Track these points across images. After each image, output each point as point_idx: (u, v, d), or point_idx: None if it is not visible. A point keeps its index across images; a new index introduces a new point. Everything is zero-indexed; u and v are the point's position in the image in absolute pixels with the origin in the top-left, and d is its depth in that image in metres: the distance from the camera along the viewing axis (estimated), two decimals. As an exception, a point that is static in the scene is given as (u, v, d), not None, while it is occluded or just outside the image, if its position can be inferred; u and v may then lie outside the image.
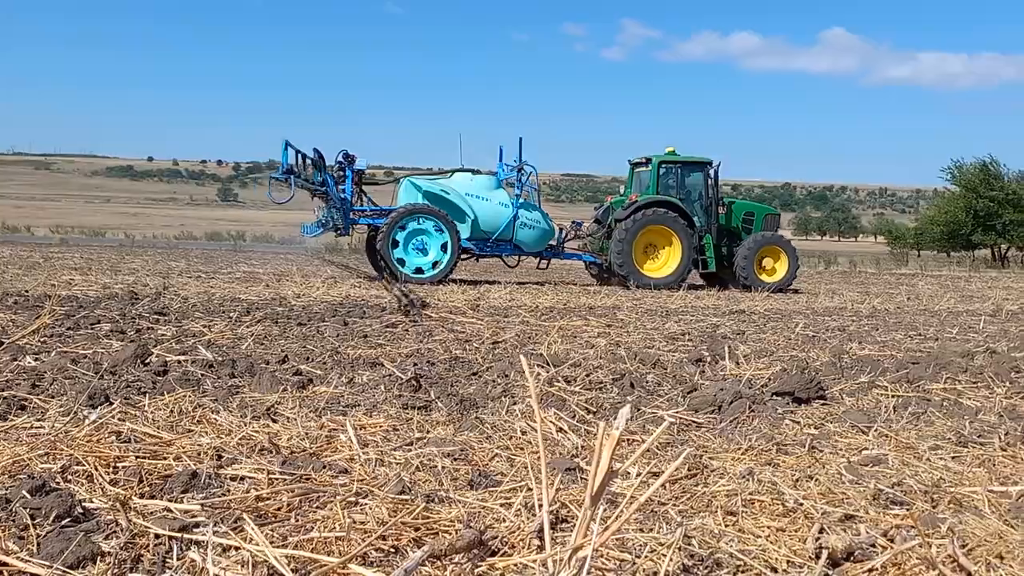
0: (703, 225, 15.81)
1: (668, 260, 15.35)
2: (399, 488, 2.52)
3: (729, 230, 16.23)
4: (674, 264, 15.22)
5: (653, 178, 15.56)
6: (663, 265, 15.37)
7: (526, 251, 15.69)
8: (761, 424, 3.71)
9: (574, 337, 7.42)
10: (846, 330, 8.66)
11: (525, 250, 15.65)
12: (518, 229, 15.21)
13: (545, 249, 15.91)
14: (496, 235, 15.24)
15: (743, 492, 2.56)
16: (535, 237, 15.46)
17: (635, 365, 5.32)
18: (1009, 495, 2.59)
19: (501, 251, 15.62)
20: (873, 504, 2.49)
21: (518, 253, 15.73)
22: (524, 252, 15.72)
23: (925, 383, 4.78)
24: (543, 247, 15.81)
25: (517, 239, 15.32)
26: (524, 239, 15.37)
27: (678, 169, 15.92)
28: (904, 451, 3.24)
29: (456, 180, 15.55)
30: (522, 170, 15.24)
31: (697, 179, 16.02)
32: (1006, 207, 39.33)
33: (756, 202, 19.26)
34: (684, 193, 15.86)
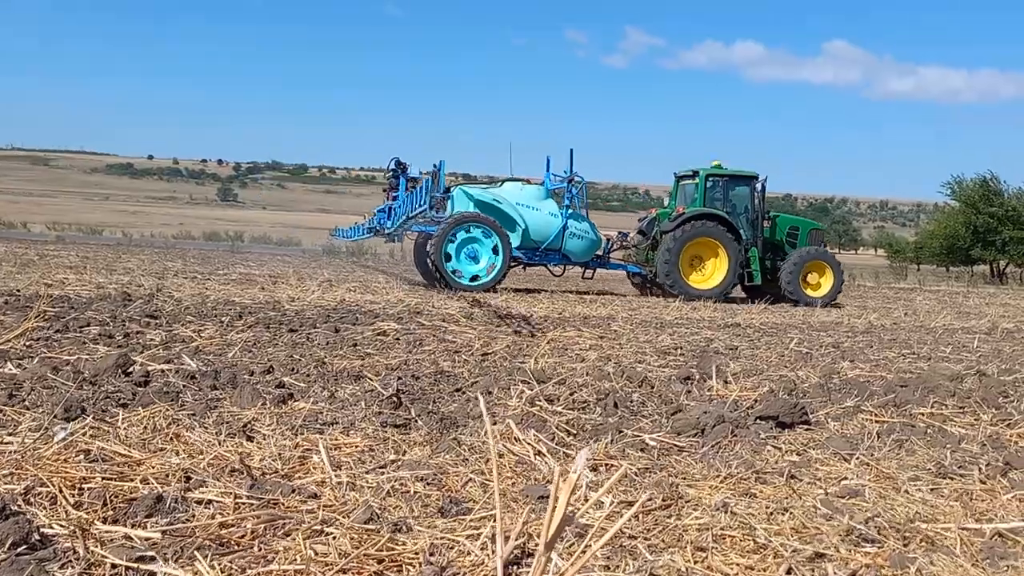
0: (749, 238, 16.00)
1: (714, 272, 15.48)
2: (367, 516, 2.49)
3: (774, 244, 16.47)
4: (720, 276, 15.36)
5: (700, 191, 15.73)
6: (709, 277, 15.51)
7: (574, 261, 15.88)
8: (743, 449, 3.68)
9: (565, 350, 7.39)
10: (840, 347, 8.63)
11: (573, 260, 15.84)
12: (567, 239, 15.42)
13: (592, 259, 16.10)
14: (546, 244, 15.45)
15: (715, 526, 2.52)
16: (583, 247, 15.66)
17: (621, 383, 5.29)
18: (983, 533, 2.55)
19: (549, 260, 15.80)
20: (845, 541, 2.46)
21: (566, 263, 15.93)
22: (572, 262, 15.91)
23: (912, 407, 4.74)
24: (590, 257, 16.00)
25: (566, 249, 15.53)
26: (573, 249, 15.58)
27: (724, 182, 16.04)
28: (883, 482, 3.21)
29: (506, 189, 15.70)
30: (573, 181, 15.42)
31: (743, 192, 16.18)
32: (1005, 223, 39.34)
33: (801, 217, 19.40)
34: (730, 206, 15.99)
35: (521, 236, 15.33)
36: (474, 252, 14.81)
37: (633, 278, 17.09)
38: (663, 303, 14.61)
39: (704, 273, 15.57)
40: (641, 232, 16.83)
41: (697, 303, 14.67)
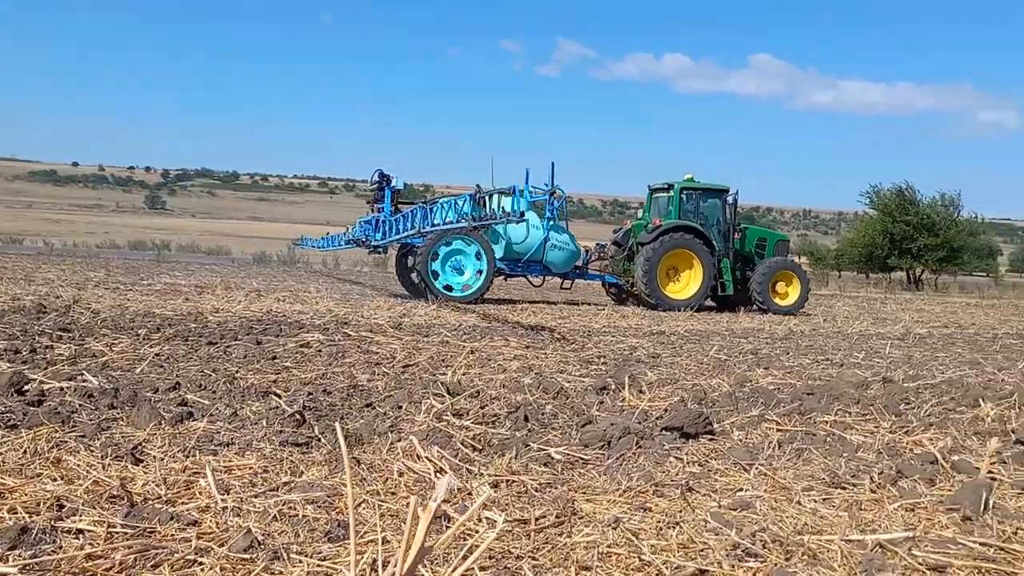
0: (721, 250, 16.39)
1: (689, 283, 15.94)
2: (246, 543, 2.40)
3: (743, 255, 16.97)
4: (695, 287, 15.81)
5: (675, 203, 16.21)
6: (684, 287, 15.97)
7: (554, 272, 16.28)
8: (646, 462, 3.69)
9: (488, 360, 7.35)
10: (758, 354, 8.80)
11: (554, 271, 16.23)
12: (548, 251, 15.77)
13: (571, 270, 16.50)
14: (528, 256, 15.81)
15: (603, 544, 2.51)
16: (564, 258, 16.04)
17: (536, 395, 5.28)
18: (865, 544, 2.60)
19: (531, 271, 16.15)
20: (730, 557, 2.47)
21: (547, 274, 16.31)
22: (552, 273, 16.29)
23: (816, 416, 4.85)
24: (570, 268, 16.39)
25: (547, 260, 15.90)
26: (554, 260, 15.96)
27: (698, 195, 16.51)
28: (777, 492, 3.25)
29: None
30: (555, 194, 15.62)
31: (715, 205, 16.68)
32: (920, 231, 40.88)
33: (768, 228, 20.03)
34: (703, 218, 16.47)
35: (504, 248, 15.58)
36: (459, 264, 14.99)
37: (610, 288, 17.45)
38: (592, 311, 14.70)
39: (680, 283, 16.05)
40: (617, 243, 17.18)
41: (627, 311, 14.84)
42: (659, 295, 15.50)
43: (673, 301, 15.52)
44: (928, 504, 3.10)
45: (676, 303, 15.48)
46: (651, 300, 15.50)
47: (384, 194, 15.60)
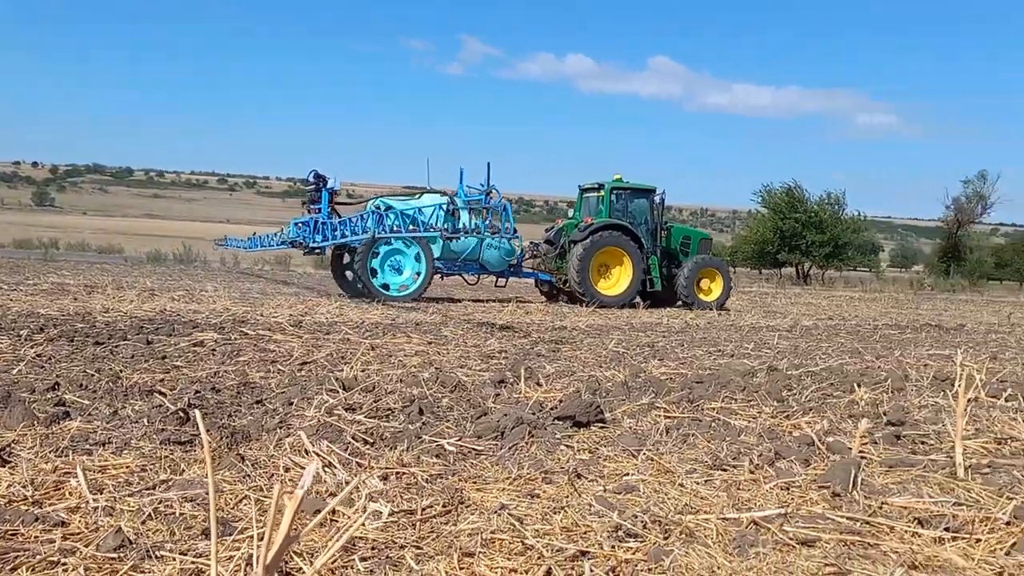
0: (649, 247, 16.79)
1: (620, 279, 16.27)
2: (116, 543, 2.30)
3: (669, 252, 17.36)
4: (625, 283, 16.15)
5: (606, 203, 16.56)
6: (615, 284, 16.28)
7: (490, 271, 16.57)
8: (538, 450, 3.73)
9: (389, 356, 7.28)
10: (654, 346, 9.02)
11: (490, 270, 16.52)
12: (484, 250, 16.07)
13: (506, 268, 16.78)
14: (465, 255, 16.06)
15: (487, 530, 2.53)
16: (499, 257, 16.36)
17: (434, 388, 5.26)
18: (740, 522, 2.70)
19: (468, 270, 16.42)
20: (611, 538, 2.53)
21: (483, 272, 16.59)
22: (488, 271, 16.58)
23: (704, 403, 5.01)
24: (505, 267, 16.69)
25: (483, 259, 16.22)
26: (489, 259, 16.28)
27: (627, 195, 16.93)
28: (662, 476, 3.34)
29: (424, 201, 15.68)
30: (491, 194, 15.50)
31: (643, 204, 17.10)
32: (809, 228, 42.77)
33: (691, 227, 20.55)
34: (631, 217, 16.83)
35: (441, 248, 15.67)
36: (398, 264, 15.12)
37: (542, 286, 17.66)
38: (497, 307, 14.77)
39: (611, 280, 16.34)
40: (549, 242, 17.46)
41: (530, 307, 14.98)
42: (591, 291, 15.77)
43: (605, 297, 15.80)
44: (802, 483, 3.24)
45: (608, 299, 15.76)
46: (584, 297, 15.75)
47: (321, 195, 15.36)
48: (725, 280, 17.02)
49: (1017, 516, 2.82)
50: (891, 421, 4.43)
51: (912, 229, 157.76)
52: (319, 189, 15.49)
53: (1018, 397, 5.36)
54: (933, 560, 2.44)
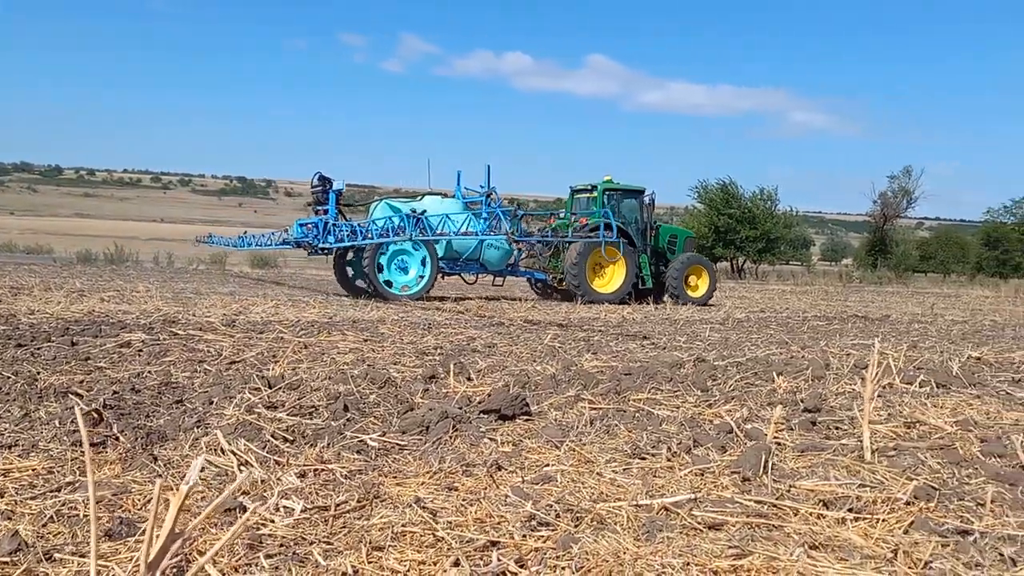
0: (640, 246, 17.31)
1: (613, 277, 16.77)
2: (12, 546, 2.23)
3: (658, 250, 17.97)
4: (619, 281, 16.66)
5: (599, 203, 17.00)
6: (609, 282, 16.76)
7: (490, 270, 17.06)
8: (462, 444, 3.74)
9: (321, 355, 7.20)
10: (590, 341, 9.11)
11: (490, 269, 17.01)
12: (484, 250, 16.54)
13: (505, 267, 17.29)
14: (466, 255, 16.54)
15: (400, 523, 2.52)
16: (499, 257, 16.88)
17: (362, 385, 5.22)
18: (652, 508, 2.75)
19: (469, 270, 16.91)
20: (523, 527, 2.54)
21: (483, 272, 17.10)
22: (488, 271, 17.07)
23: (630, 394, 5.07)
24: (504, 266, 17.20)
25: (484, 259, 16.75)
26: (489, 259, 16.80)
27: (619, 195, 17.45)
28: (582, 466, 3.38)
29: (427, 202, 16.31)
30: (491, 196, 16.24)
31: (633, 205, 17.65)
32: (742, 224, 43.74)
33: (677, 226, 21.35)
34: (622, 217, 17.25)
35: (445, 248, 16.12)
36: (404, 264, 15.52)
37: (536, 284, 18.20)
38: (436, 305, 14.75)
39: (605, 278, 16.80)
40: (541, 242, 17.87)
41: (470, 304, 15.01)
42: (587, 289, 16.22)
43: (600, 295, 16.25)
44: (717, 469, 3.31)
45: (603, 296, 16.21)
46: (580, 294, 16.20)
47: (328, 197, 15.73)
48: (711, 276, 17.66)
49: (917, 496, 2.93)
50: (807, 408, 4.55)
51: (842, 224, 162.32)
52: (326, 191, 15.85)
53: (931, 383, 5.56)
54: (833, 540, 2.51)
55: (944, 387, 5.54)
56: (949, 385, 5.62)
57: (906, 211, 52.06)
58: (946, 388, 5.51)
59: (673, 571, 2.18)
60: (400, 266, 15.50)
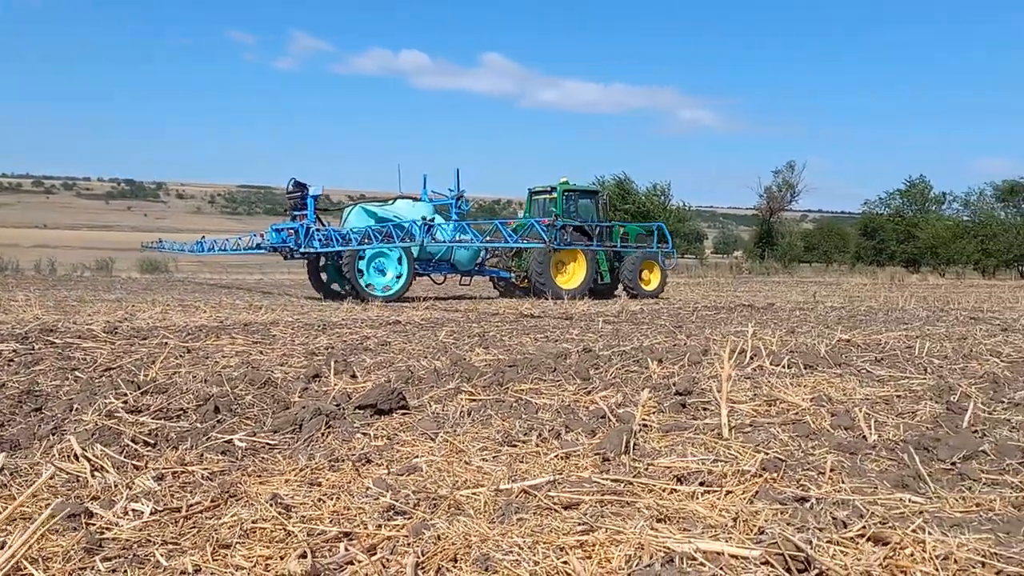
0: (597, 244, 17.90)
1: (575, 274, 17.59)
2: None
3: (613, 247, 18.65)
4: (580, 277, 17.49)
5: (560, 204, 17.87)
6: (571, 278, 17.52)
7: (460, 270, 17.60)
8: (334, 440, 3.70)
9: (205, 358, 6.99)
10: (484, 336, 9.15)
11: (460, 269, 17.54)
12: (455, 251, 16.92)
13: (473, 267, 17.82)
14: (438, 256, 16.96)
15: (251, 520, 2.48)
16: (469, 257, 17.40)
17: (240, 387, 5.09)
18: (512, 492, 2.80)
19: (440, 270, 17.42)
20: (380, 517, 2.54)
21: (453, 272, 17.68)
22: (458, 271, 17.62)
23: (513, 385, 5.13)
24: (473, 266, 17.72)
25: (455, 259, 17.23)
26: (460, 259, 17.30)
27: (576, 196, 18.41)
28: (453, 455, 3.40)
29: (399, 207, 16.76)
30: (461, 198, 16.31)
31: (589, 205, 18.58)
32: (637, 219, 44.97)
33: (631, 224, 21.90)
34: (580, 217, 18.19)
35: (418, 249, 16.20)
36: (382, 266, 15.92)
37: (499, 282, 18.74)
38: (334, 306, 14.54)
39: (566, 275, 17.55)
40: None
41: (368, 304, 14.88)
42: (552, 286, 16.92)
43: (563, 291, 16.98)
44: (582, 451, 3.39)
45: (567, 292, 16.93)
46: (545, 291, 16.83)
47: (307, 202, 16.02)
48: (662, 271, 18.57)
49: (765, 468, 3.08)
50: (679, 391, 4.71)
51: (732, 218, 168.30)
52: (303, 197, 16.14)
53: (798, 364, 5.84)
54: (680, 512, 2.61)
55: (811, 368, 5.83)
56: (816, 366, 5.91)
57: (790, 204, 54.53)
58: (812, 368, 5.80)
59: (520, 550, 2.22)
60: (378, 268, 15.91)
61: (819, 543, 2.27)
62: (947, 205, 55.23)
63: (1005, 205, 55.22)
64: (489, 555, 2.19)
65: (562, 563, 2.15)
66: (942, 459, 3.23)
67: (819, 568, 2.11)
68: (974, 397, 4.53)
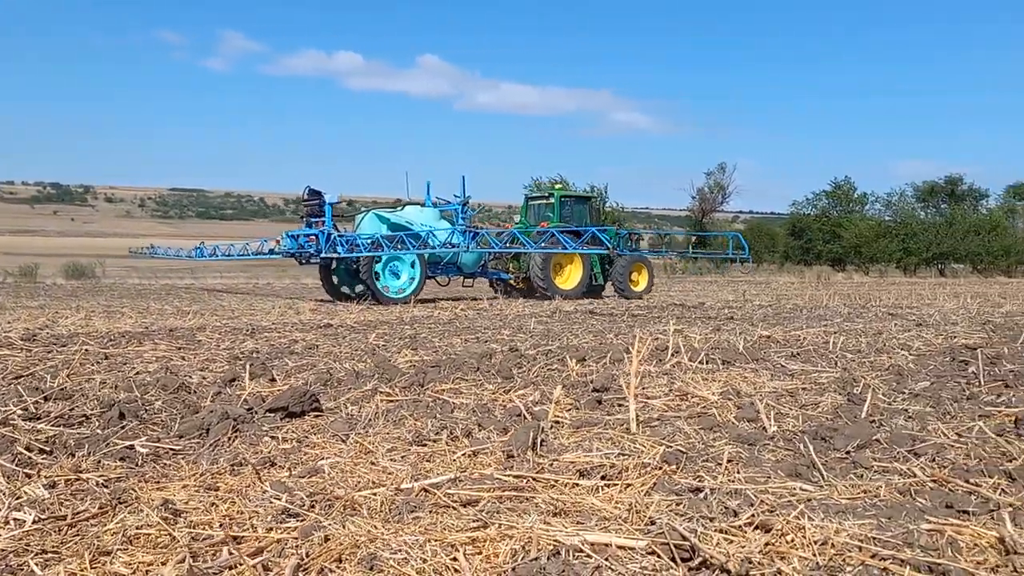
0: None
1: (572, 275, 18.45)
2: None
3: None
4: (577, 278, 18.35)
5: (556, 209, 18.85)
6: (568, 279, 18.37)
7: (465, 272, 18.44)
8: (241, 444, 3.63)
9: (123, 364, 6.80)
10: (415, 338, 9.10)
11: (465, 271, 18.37)
12: (462, 254, 17.58)
13: (478, 269, 18.66)
14: (447, 259, 17.70)
15: (136, 526, 2.41)
16: (474, 260, 18.22)
17: (152, 392, 4.96)
18: (412, 491, 2.78)
19: (447, 272, 18.15)
20: (272, 520, 2.50)
21: (459, 274, 18.49)
22: (463, 273, 18.47)
23: (434, 384, 5.11)
24: (478, 268, 18.58)
25: (461, 262, 17.99)
26: (466, 262, 18.10)
27: (572, 201, 19.51)
28: (360, 456, 3.36)
29: (409, 212, 17.56)
30: (467, 204, 17.40)
31: (583, 210, 19.58)
32: None
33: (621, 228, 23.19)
34: (576, 221, 19.09)
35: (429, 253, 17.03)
36: (396, 269, 16.69)
37: (497, 283, 19.59)
38: (265, 310, 14.31)
39: (564, 276, 18.38)
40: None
41: (302, 307, 14.71)
42: (552, 287, 17.72)
43: (563, 291, 17.79)
44: (491, 449, 3.39)
45: (565, 292, 17.74)
46: (546, 291, 17.60)
47: (325, 209, 16.66)
48: (649, 272, 19.50)
49: (666, 460, 3.13)
50: (596, 388, 4.75)
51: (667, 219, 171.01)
52: (321, 204, 16.80)
53: (716, 360, 5.96)
54: (577, 505, 2.63)
55: (728, 363, 5.94)
56: (734, 361, 6.04)
57: (722, 205, 55.67)
58: (730, 364, 5.92)
59: (409, 548, 2.21)
60: (393, 271, 16.65)
61: (706, 532, 2.32)
62: (870, 206, 57.19)
63: (925, 205, 57.46)
64: (376, 554, 2.17)
65: (451, 560, 2.15)
66: (837, 448, 3.33)
67: (703, 556, 2.15)
68: (877, 388, 4.68)
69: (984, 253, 49.35)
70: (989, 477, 2.88)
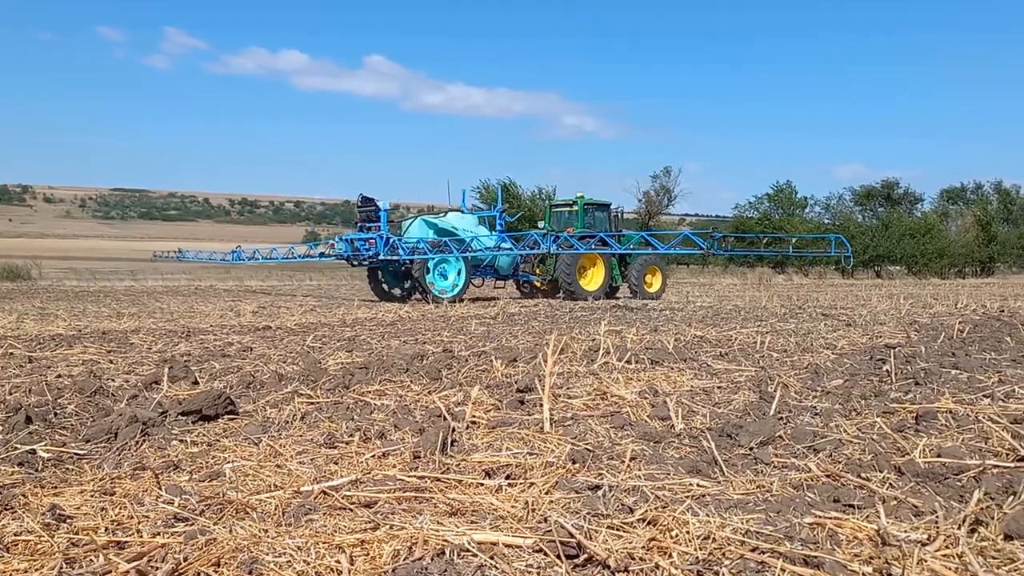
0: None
1: (595, 278, 19.55)
2: None
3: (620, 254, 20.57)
4: (599, 281, 19.47)
5: (580, 216, 19.96)
6: (591, 281, 19.44)
7: (501, 275, 19.72)
8: (149, 448, 3.56)
9: (46, 368, 6.62)
10: (354, 339, 9.02)
11: (501, 273, 19.66)
12: (499, 257, 19.03)
13: (511, 272, 19.84)
14: (486, 262, 18.96)
15: (15, 532, 2.35)
16: (509, 262, 19.54)
17: (67, 395, 4.84)
18: (311, 493, 2.76)
19: (485, 275, 19.42)
20: (160, 525, 2.45)
21: (496, 276, 19.77)
22: (499, 276, 19.73)
23: (360, 386, 5.07)
24: (511, 271, 19.80)
25: (498, 265, 19.29)
26: (502, 265, 19.39)
27: (593, 209, 20.52)
28: (269, 459, 3.32)
29: (452, 218, 19.04)
30: (504, 211, 19.44)
31: (603, 216, 20.69)
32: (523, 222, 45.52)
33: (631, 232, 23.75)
34: (597, 227, 20.10)
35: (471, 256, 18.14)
36: (444, 271, 17.90)
37: (523, 285, 20.88)
38: (204, 312, 14.07)
39: (587, 279, 19.38)
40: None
41: (242, 308, 14.50)
42: (578, 288, 18.67)
43: (586, 292, 18.77)
44: (402, 450, 3.38)
45: (589, 294, 18.72)
46: (572, 292, 18.53)
47: (381, 215, 17.69)
48: (663, 275, 20.73)
49: (573, 459, 3.15)
50: (520, 388, 4.77)
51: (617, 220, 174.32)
52: (376, 210, 17.87)
53: (645, 360, 6.02)
54: (475, 505, 2.64)
55: (657, 363, 6.02)
56: (662, 361, 6.11)
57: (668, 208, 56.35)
58: (658, 363, 5.99)
59: (294, 551, 2.19)
60: (441, 272, 17.83)
61: (596, 529, 2.34)
62: (810, 209, 58.46)
63: (862, 208, 58.97)
64: (258, 558, 2.14)
65: (335, 562, 2.13)
66: (741, 444, 3.39)
67: (588, 552, 2.17)
68: (791, 386, 4.78)
69: (919, 255, 50.69)
70: (880, 471, 2.96)
